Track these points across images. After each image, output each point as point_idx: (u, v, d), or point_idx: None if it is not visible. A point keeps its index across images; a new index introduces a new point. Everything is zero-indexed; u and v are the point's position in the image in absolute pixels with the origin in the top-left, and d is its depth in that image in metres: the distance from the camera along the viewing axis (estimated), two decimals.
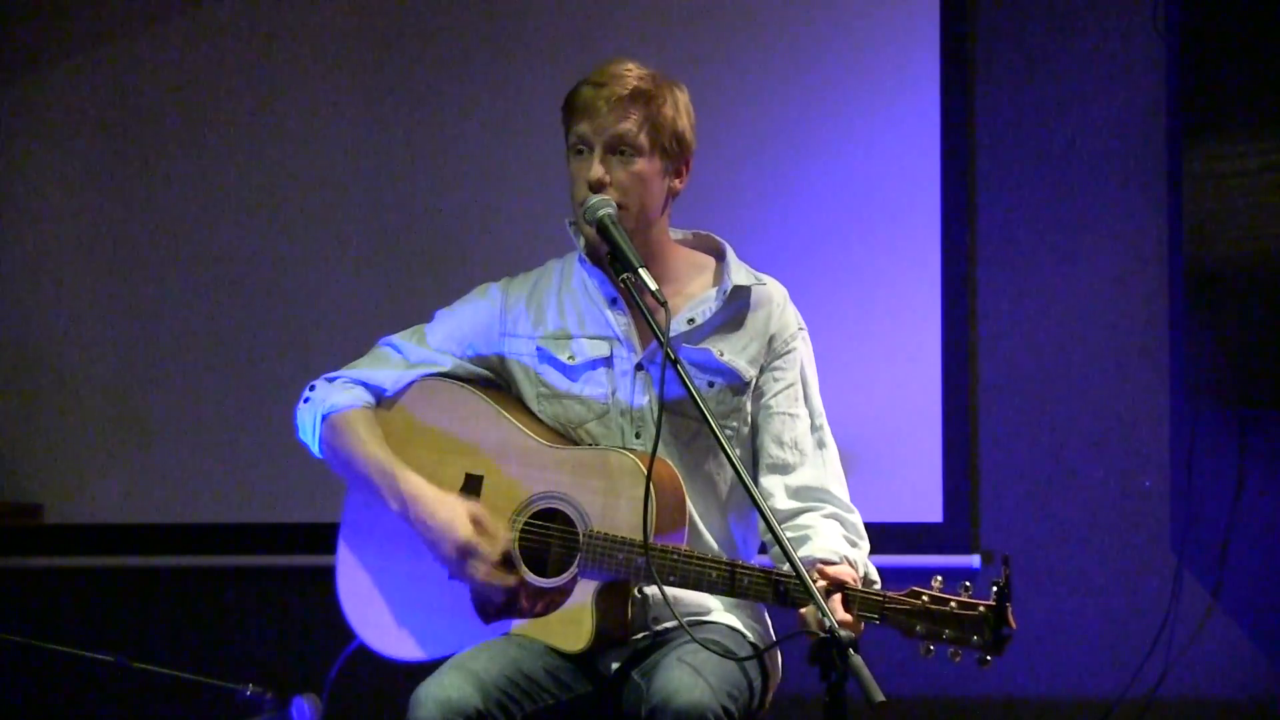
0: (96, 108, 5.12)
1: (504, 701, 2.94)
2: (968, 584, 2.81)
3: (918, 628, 2.80)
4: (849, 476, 3.22)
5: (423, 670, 3.00)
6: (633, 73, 3.13)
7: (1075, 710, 4.67)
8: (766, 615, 3.21)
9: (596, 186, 3.09)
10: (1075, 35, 4.74)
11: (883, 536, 3.37)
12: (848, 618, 2.81)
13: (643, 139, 3.10)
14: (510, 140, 4.89)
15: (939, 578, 2.82)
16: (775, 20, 4.80)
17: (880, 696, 2.53)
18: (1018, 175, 4.74)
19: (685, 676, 2.88)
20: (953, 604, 2.79)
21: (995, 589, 2.76)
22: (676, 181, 3.18)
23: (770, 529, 2.80)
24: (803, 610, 2.85)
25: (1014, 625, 2.76)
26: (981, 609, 2.77)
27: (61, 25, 5.13)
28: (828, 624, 2.64)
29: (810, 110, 4.77)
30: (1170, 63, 4.64)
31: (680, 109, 3.15)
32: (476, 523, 3.07)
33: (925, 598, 2.80)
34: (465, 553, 3.06)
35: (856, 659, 2.59)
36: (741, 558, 3.11)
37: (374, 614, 3.19)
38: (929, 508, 4.67)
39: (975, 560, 4.63)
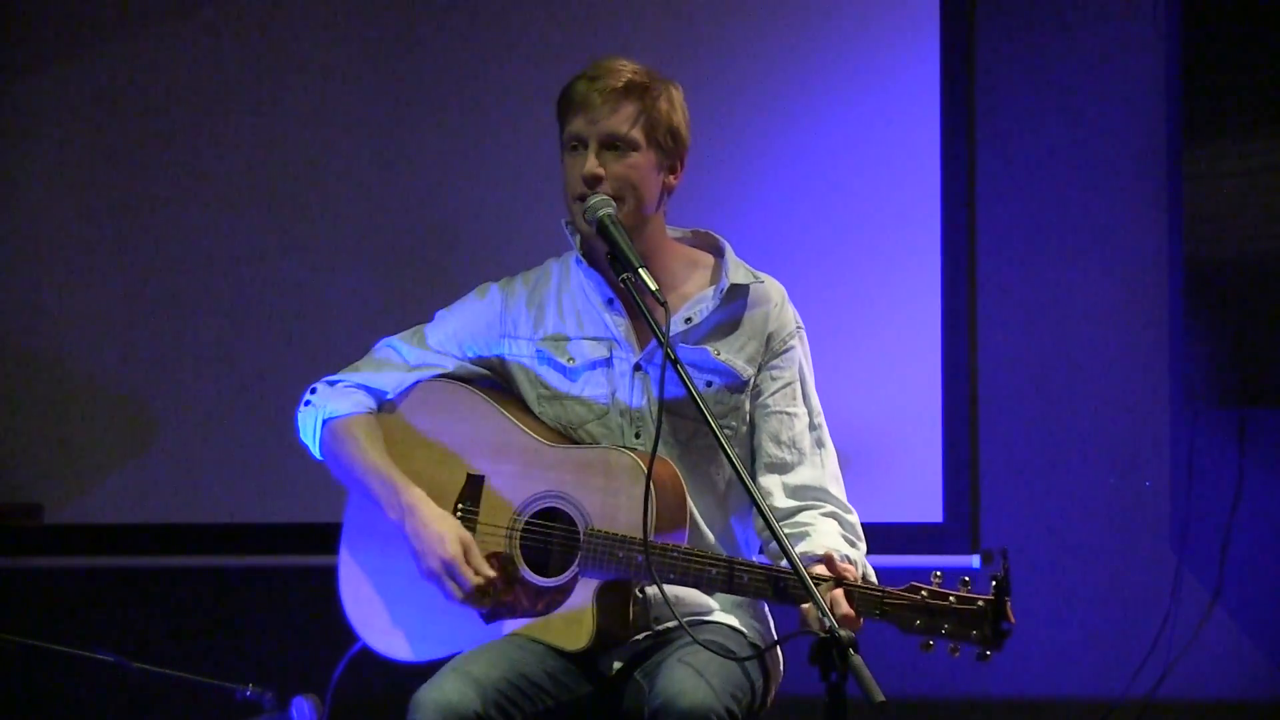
0: (96, 107, 5.11)
1: (503, 705, 2.94)
2: (966, 579, 2.81)
3: (916, 622, 2.80)
4: (849, 476, 3.21)
5: (423, 671, 3.00)
6: (627, 67, 3.12)
7: (1075, 710, 4.67)
8: (768, 615, 3.21)
9: (591, 181, 3.08)
10: (1076, 35, 4.74)
11: (883, 536, 3.37)
12: (850, 612, 2.81)
13: (637, 133, 3.10)
14: (511, 140, 4.89)
15: (938, 573, 2.82)
16: (775, 20, 4.79)
17: (881, 696, 2.53)
18: (1018, 175, 4.74)
19: (689, 678, 2.88)
20: (951, 599, 2.79)
21: (994, 583, 2.76)
22: (671, 178, 3.17)
23: (769, 526, 2.79)
24: (804, 606, 2.84)
25: (1013, 620, 2.76)
26: (980, 603, 2.77)
27: (61, 25, 5.13)
28: (828, 623, 2.64)
29: (810, 110, 4.76)
30: (1170, 63, 4.64)
31: (675, 104, 3.15)
32: (466, 549, 3.07)
33: (924, 593, 2.80)
34: (447, 570, 3.06)
35: (857, 659, 2.58)
36: (743, 556, 3.11)
37: (375, 615, 3.19)
38: (929, 508, 4.67)
39: (975, 560, 4.62)
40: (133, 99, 5.10)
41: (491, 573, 3.07)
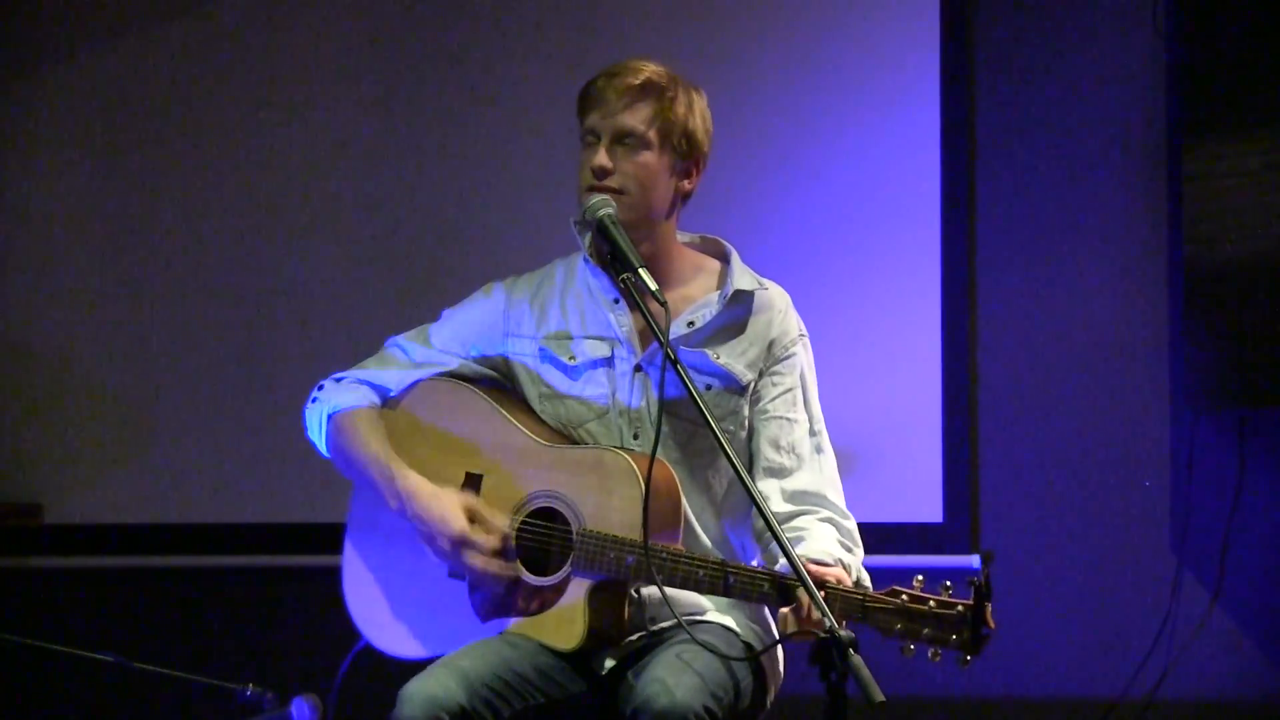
0: (96, 108, 5.12)
1: (490, 699, 2.94)
2: (948, 583, 2.81)
3: (897, 626, 2.80)
4: (850, 477, 3.22)
5: (421, 668, 3.00)
6: (648, 67, 3.13)
7: (1075, 710, 4.67)
8: (768, 616, 3.21)
9: (599, 174, 3.09)
10: (1075, 35, 4.74)
11: (883, 536, 3.38)
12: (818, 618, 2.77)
13: (651, 133, 3.10)
14: (515, 140, 4.90)
15: (920, 577, 2.82)
16: (776, 23, 4.80)
17: (880, 696, 2.53)
18: (1017, 175, 4.74)
19: (669, 676, 2.88)
20: (932, 603, 2.79)
21: (974, 588, 2.76)
22: (686, 182, 3.17)
23: (770, 528, 2.80)
24: (782, 610, 2.84)
25: (992, 625, 2.76)
26: (960, 608, 2.77)
27: (61, 25, 5.13)
28: (827, 624, 2.64)
29: (810, 111, 4.77)
30: (1170, 63, 4.64)
31: (694, 109, 3.14)
32: (472, 515, 3.08)
33: (904, 596, 2.80)
34: (460, 544, 3.06)
35: (856, 659, 2.59)
36: (738, 560, 3.11)
37: (377, 612, 3.20)
38: (929, 508, 4.67)
39: (975, 560, 4.62)
40: (133, 99, 5.10)
41: (504, 526, 3.07)
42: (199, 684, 3.86)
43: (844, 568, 2.99)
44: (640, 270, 3.00)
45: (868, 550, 3.13)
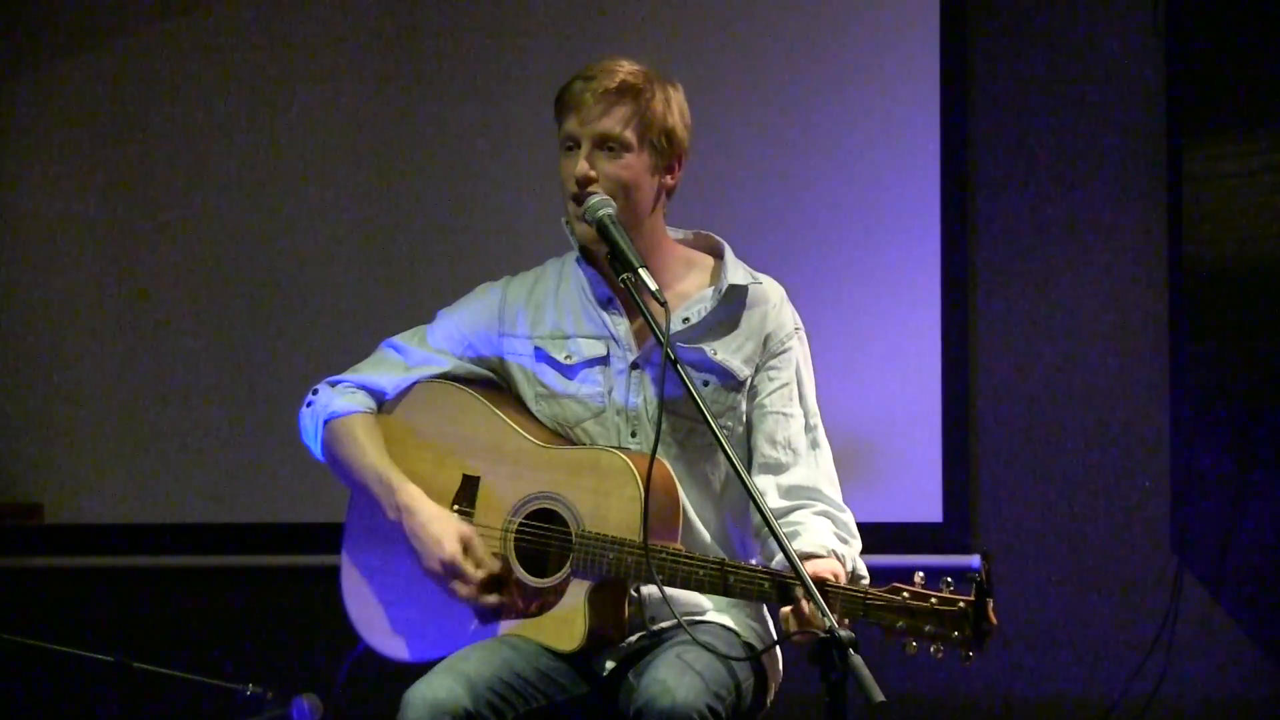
0: (96, 108, 5.12)
1: (494, 702, 2.94)
2: (949, 579, 2.80)
3: (899, 624, 2.79)
4: (850, 477, 3.21)
5: (423, 671, 3.00)
6: (623, 68, 3.11)
7: (1075, 710, 4.67)
8: (767, 616, 3.20)
9: (583, 182, 3.08)
10: (1074, 35, 4.74)
11: (883, 536, 3.37)
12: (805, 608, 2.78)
13: (630, 134, 3.09)
14: (511, 140, 4.89)
15: (920, 574, 2.81)
16: (775, 21, 4.80)
17: (880, 696, 2.53)
18: (1017, 175, 4.74)
19: (672, 676, 2.88)
20: (933, 600, 2.78)
21: (975, 585, 2.76)
22: (668, 178, 3.16)
23: (769, 526, 2.79)
24: (784, 609, 2.84)
25: (995, 621, 2.75)
26: (961, 604, 2.76)
27: (61, 25, 5.13)
28: (828, 624, 2.63)
29: (810, 111, 4.77)
30: (1169, 63, 4.64)
31: (672, 105, 3.13)
32: (466, 545, 3.08)
33: (906, 594, 2.79)
34: (448, 571, 3.06)
35: (856, 659, 2.58)
36: (740, 557, 3.11)
37: (376, 615, 3.20)
38: (929, 508, 4.67)
39: (975, 560, 4.62)
40: (133, 98, 5.10)
41: (494, 566, 3.07)
42: (199, 684, 3.87)
43: (838, 558, 2.98)
44: (640, 270, 2.99)
45: (867, 550, 3.12)
